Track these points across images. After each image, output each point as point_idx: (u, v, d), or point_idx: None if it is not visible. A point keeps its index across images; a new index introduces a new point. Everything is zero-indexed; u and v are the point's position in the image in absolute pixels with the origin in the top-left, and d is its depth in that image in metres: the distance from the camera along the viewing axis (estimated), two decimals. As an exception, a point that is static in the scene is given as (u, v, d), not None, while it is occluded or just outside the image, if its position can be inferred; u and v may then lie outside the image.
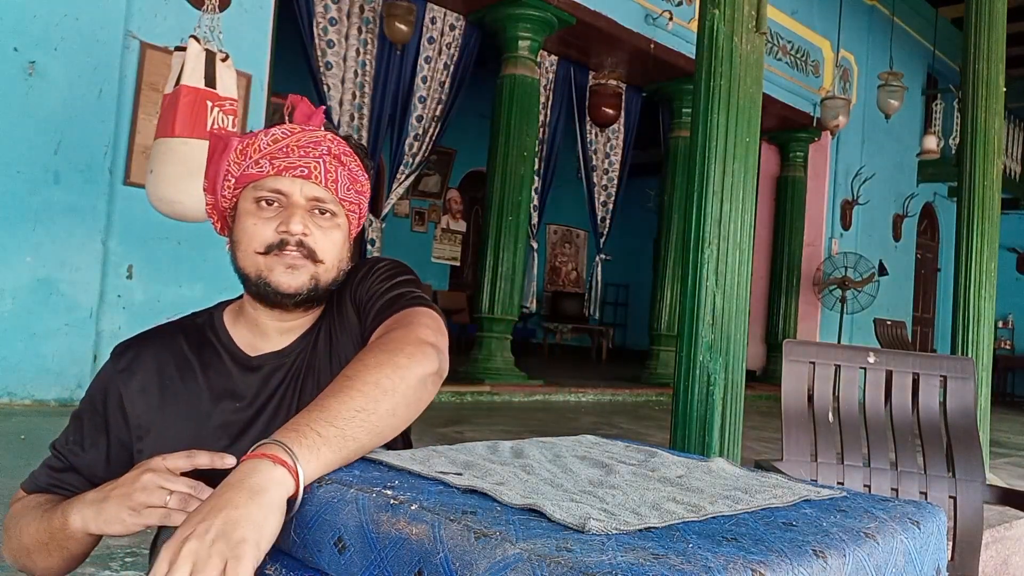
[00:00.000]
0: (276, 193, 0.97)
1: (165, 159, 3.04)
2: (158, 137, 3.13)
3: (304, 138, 0.98)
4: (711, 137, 2.24)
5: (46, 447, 1.05)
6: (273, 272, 0.96)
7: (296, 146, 0.97)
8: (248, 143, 0.98)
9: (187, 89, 3.03)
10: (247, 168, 0.97)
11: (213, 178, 1.01)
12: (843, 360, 1.92)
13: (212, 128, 3.06)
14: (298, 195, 0.97)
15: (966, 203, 3.71)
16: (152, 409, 0.98)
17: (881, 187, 9.53)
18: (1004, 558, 2.90)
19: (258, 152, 0.97)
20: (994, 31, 3.75)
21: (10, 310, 3.73)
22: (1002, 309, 11.13)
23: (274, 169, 0.96)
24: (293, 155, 0.97)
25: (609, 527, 0.60)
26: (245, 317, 1.04)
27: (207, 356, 1.01)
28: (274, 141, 0.97)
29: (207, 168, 1.02)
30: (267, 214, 0.97)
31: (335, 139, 1.00)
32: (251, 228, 0.97)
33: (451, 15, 6.13)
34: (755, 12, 2.28)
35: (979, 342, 3.60)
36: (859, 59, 9.10)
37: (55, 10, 3.85)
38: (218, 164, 1.00)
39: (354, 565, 0.65)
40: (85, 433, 1.00)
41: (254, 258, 0.97)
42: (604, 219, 7.66)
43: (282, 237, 0.96)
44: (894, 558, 0.68)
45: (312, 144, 0.98)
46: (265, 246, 0.96)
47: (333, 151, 0.99)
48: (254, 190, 0.98)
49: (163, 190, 3.04)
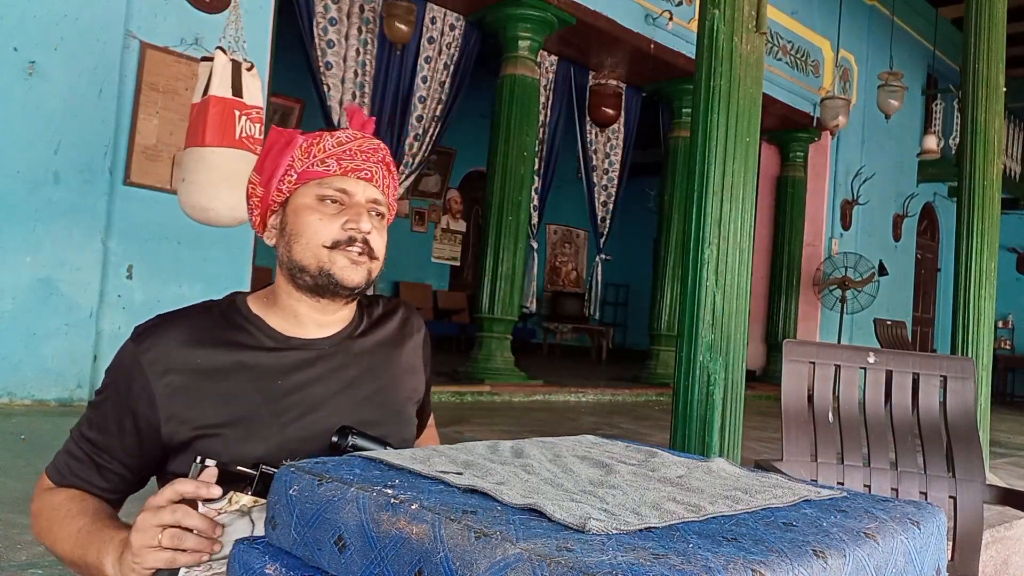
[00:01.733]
0: (341, 192, 1.03)
1: (197, 167, 3.15)
2: (188, 146, 3.25)
3: (365, 144, 1.06)
4: (711, 137, 2.24)
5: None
6: (336, 265, 1.02)
7: (359, 151, 1.05)
8: (313, 142, 1.04)
9: (216, 99, 3.15)
10: (312, 165, 1.03)
11: (271, 171, 1.05)
12: (843, 360, 1.92)
13: (241, 136, 3.15)
14: (361, 196, 1.04)
15: (966, 203, 3.71)
16: (180, 391, 0.97)
17: (881, 187, 9.53)
18: (1004, 558, 2.90)
19: (323, 152, 1.03)
20: (994, 31, 3.74)
21: (10, 310, 3.73)
22: (1002, 309, 11.13)
23: (341, 169, 1.03)
24: (358, 158, 1.04)
25: (609, 527, 0.60)
26: (279, 306, 1.06)
27: (240, 336, 1.02)
28: (339, 144, 1.04)
29: (263, 161, 1.06)
30: (330, 211, 1.03)
31: (386, 148, 1.10)
32: (316, 223, 1.02)
33: (451, 15, 6.14)
34: (755, 12, 2.28)
35: (979, 342, 3.60)
36: (859, 59, 9.10)
37: (55, 10, 3.85)
38: (278, 158, 1.04)
39: (354, 564, 0.65)
40: (109, 419, 0.99)
41: (318, 251, 1.02)
42: (604, 219, 7.66)
43: (350, 234, 1.02)
44: (894, 558, 0.68)
45: (371, 150, 1.06)
46: (332, 240, 1.02)
47: (385, 159, 1.08)
48: (318, 187, 1.03)
49: (196, 198, 3.15)
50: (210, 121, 3.12)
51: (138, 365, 0.97)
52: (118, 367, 1.00)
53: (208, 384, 0.98)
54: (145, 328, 1.01)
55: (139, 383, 0.97)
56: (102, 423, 0.99)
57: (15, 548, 1.86)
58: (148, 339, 0.99)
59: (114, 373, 1.00)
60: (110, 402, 0.99)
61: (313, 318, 1.06)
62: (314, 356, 1.04)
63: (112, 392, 0.99)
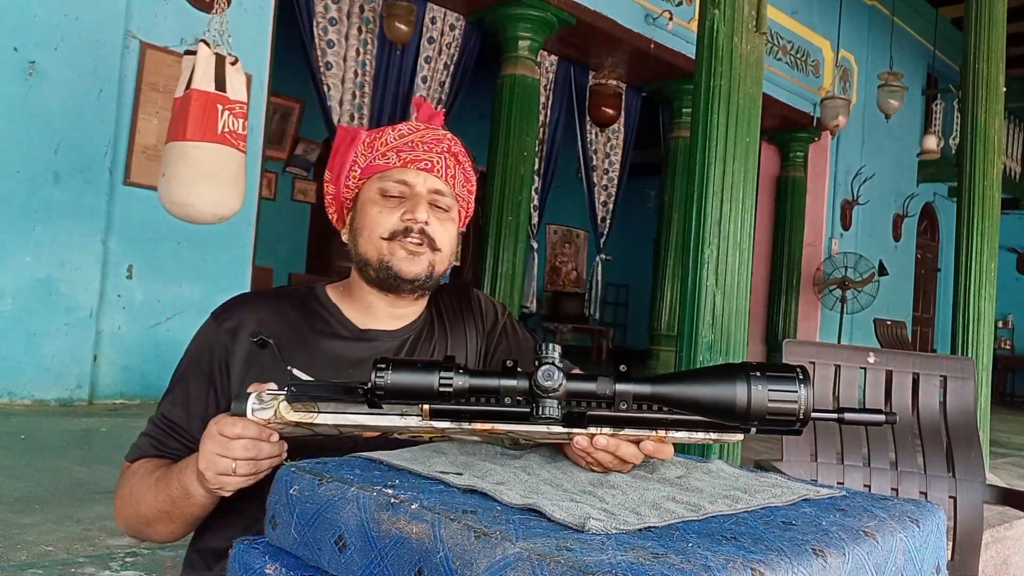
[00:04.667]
0: (401, 184, 1.03)
1: (177, 162, 3.09)
2: (169, 140, 3.16)
3: (428, 135, 1.05)
4: (711, 137, 2.24)
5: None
6: (395, 256, 1.02)
7: (420, 141, 1.04)
8: (376, 137, 1.05)
9: (198, 93, 3.07)
10: (374, 160, 1.04)
11: (339, 169, 1.07)
12: (843, 360, 1.92)
13: (223, 131, 3.09)
14: (421, 186, 1.04)
15: (966, 203, 3.71)
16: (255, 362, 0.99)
17: (881, 187, 9.52)
18: (1004, 558, 2.90)
19: (385, 145, 1.04)
20: (994, 31, 3.74)
21: (10, 310, 3.73)
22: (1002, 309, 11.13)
23: (400, 161, 1.03)
24: (418, 149, 1.03)
25: (609, 527, 0.60)
26: (354, 297, 1.08)
27: (316, 323, 1.05)
28: (400, 136, 1.04)
29: (332, 160, 1.08)
30: (391, 204, 1.03)
31: (454, 139, 1.08)
32: (376, 215, 1.03)
33: (451, 15, 6.13)
34: (755, 12, 2.28)
35: (979, 342, 3.60)
36: (859, 59, 9.10)
37: (55, 10, 3.85)
38: (344, 156, 1.06)
39: (354, 563, 0.65)
40: (192, 395, 1.01)
41: (378, 243, 1.03)
42: (604, 219, 7.66)
43: (407, 224, 1.02)
44: (893, 556, 0.68)
45: (434, 141, 1.05)
46: (390, 232, 1.02)
47: (452, 149, 1.07)
48: (379, 180, 1.04)
49: (175, 193, 3.09)
50: (191, 115, 3.04)
51: (218, 339, 1.01)
52: (198, 343, 1.03)
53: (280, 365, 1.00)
54: (223, 307, 1.04)
55: (218, 355, 1.00)
56: (183, 400, 1.01)
57: (15, 548, 1.86)
58: (226, 314, 1.03)
59: (194, 350, 1.03)
60: (192, 379, 1.01)
61: (386, 311, 1.07)
62: (385, 348, 1.06)
63: (193, 369, 1.02)
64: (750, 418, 0.69)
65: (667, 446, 0.79)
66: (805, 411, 0.69)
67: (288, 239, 8.27)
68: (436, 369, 0.73)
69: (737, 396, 0.69)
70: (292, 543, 0.72)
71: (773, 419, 0.69)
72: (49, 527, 2.01)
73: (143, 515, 0.96)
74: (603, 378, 0.73)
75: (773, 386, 0.69)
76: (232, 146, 3.14)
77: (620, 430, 0.76)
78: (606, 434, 0.75)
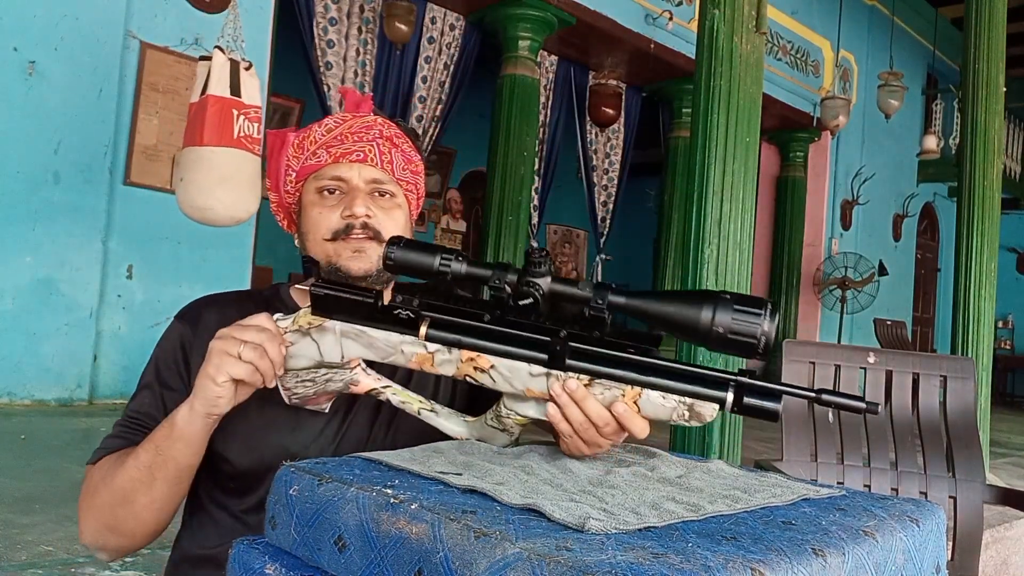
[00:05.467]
0: (336, 180, 1.01)
1: (195, 167, 3.15)
2: (186, 146, 3.24)
3: (356, 124, 1.02)
4: (711, 137, 2.24)
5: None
6: (341, 257, 1.00)
7: (349, 132, 1.01)
8: (303, 136, 1.02)
9: (214, 99, 3.14)
10: (305, 160, 1.01)
11: (275, 176, 1.05)
12: (843, 360, 1.92)
13: (239, 135, 3.14)
14: (357, 179, 1.01)
15: (966, 203, 3.71)
16: None
17: (881, 187, 9.52)
18: (1004, 558, 2.90)
19: (314, 143, 1.01)
20: (994, 31, 3.75)
21: (10, 310, 3.73)
22: (1002, 309, 11.13)
23: (331, 157, 1.00)
24: (348, 141, 1.01)
25: (608, 526, 0.60)
26: None
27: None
28: (328, 131, 1.01)
29: (268, 166, 1.07)
30: (330, 202, 1.01)
31: (385, 122, 1.04)
32: (316, 217, 1.01)
33: (451, 15, 6.14)
34: (755, 12, 2.28)
35: (979, 342, 3.60)
36: (859, 59, 9.10)
37: (55, 10, 3.85)
38: (278, 161, 1.04)
39: (354, 564, 0.65)
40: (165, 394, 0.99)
41: (323, 245, 1.00)
42: (604, 219, 7.66)
43: (347, 222, 0.99)
44: (893, 556, 0.68)
45: (364, 129, 1.02)
46: (332, 232, 1.00)
47: (385, 134, 1.03)
48: (315, 180, 1.02)
49: (194, 197, 3.15)
50: (208, 120, 3.12)
51: (180, 336, 1.01)
52: (165, 345, 1.02)
53: None
54: (186, 307, 1.05)
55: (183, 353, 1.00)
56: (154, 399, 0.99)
57: (15, 548, 1.86)
58: (189, 313, 1.03)
59: (161, 352, 1.02)
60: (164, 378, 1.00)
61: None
62: None
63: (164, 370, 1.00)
64: (712, 337, 0.71)
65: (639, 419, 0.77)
66: (767, 338, 0.70)
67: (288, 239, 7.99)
68: (438, 252, 0.78)
69: (703, 314, 0.71)
70: (292, 543, 0.72)
71: (734, 340, 0.71)
72: (49, 527, 2.02)
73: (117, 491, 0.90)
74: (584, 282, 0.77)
75: (739, 307, 0.71)
76: (248, 150, 3.21)
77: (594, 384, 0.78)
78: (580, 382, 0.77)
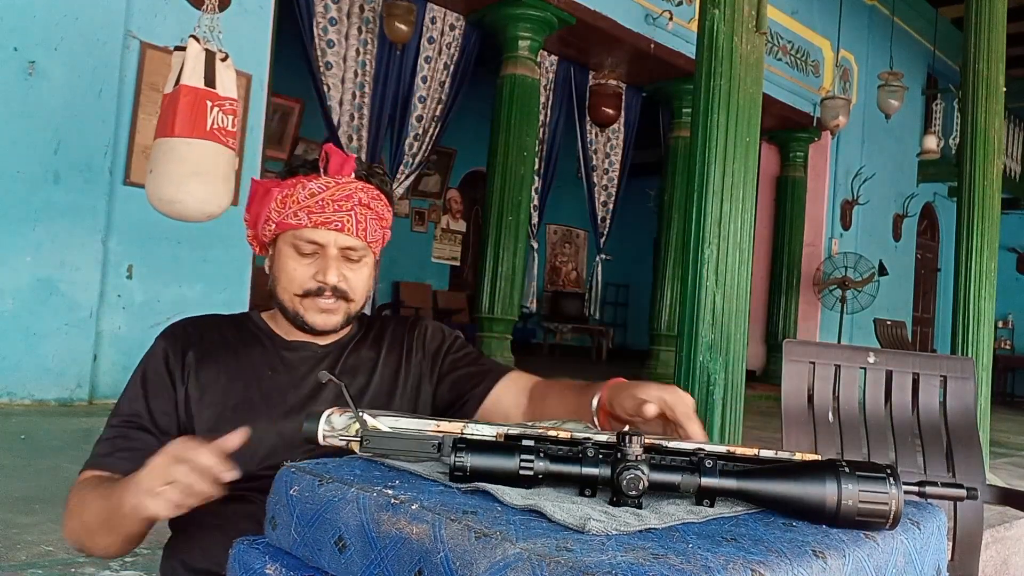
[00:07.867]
0: (313, 244, 1.09)
1: (166, 159, 3.03)
2: (158, 137, 3.11)
3: (338, 192, 1.08)
4: (711, 137, 2.24)
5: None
6: (308, 312, 1.10)
7: (331, 200, 1.07)
8: (288, 195, 1.08)
9: (187, 89, 3.02)
10: (286, 218, 1.08)
11: (254, 219, 1.13)
12: (843, 360, 1.92)
13: (212, 127, 3.05)
14: (332, 246, 1.09)
15: (966, 203, 3.71)
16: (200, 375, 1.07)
17: (881, 187, 9.52)
18: (1004, 558, 2.90)
19: (297, 204, 1.08)
20: (994, 31, 3.74)
21: (10, 310, 3.73)
22: (1002, 309, 11.13)
23: (311, 222, 1.07)
24: (327, 209, 1.07)
25: (609, 527, 0.60)
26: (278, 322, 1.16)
27: (246, 337, 1.13)
28: (311, 195, 1.07)
29: (249, 206, 1.15)
30: (305, 261, 1.09)
31: (364, 187, 1.10)
32: (291, 271, 1.10)
33: (451, 15, 6.14)
34: (755, 12, 2.28)
35: (979, 342, 3.60)
36: (859, 59, 9.10)
37: (55, 10, 3.85)
38: (259, 208, 1.12)
39: (354, 564, 0.65)
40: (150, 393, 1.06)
41: (292, 298, 1.10)
42: (604, 219, 7.66)
43: (319, 285, 1.08)
44: (894, 558, 0.68)
45: (344, 198, 1.08)
46: (303, 290, 1.09)
47: (363, 201, 1.10)
48: (293, 237, 1.09)
49: (163, 190, 3.02)
50: (180, 111, 2.99)
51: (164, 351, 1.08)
52: (146, 360, 1.09)
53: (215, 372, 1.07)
54: (168, 328, 1.13)
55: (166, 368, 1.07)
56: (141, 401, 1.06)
57: (15, 548, 1.86)
58: (170, 330, 1.12)
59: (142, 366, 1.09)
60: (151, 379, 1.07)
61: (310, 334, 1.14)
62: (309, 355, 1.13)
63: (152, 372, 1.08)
64: (839, 518, 0.66)
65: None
66: (896, 512, 0.66)
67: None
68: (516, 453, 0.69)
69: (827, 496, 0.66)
70: (292, 544, 0.72)
71: (863, 521, 0.66)
72: (49, 527, 2.01)
73: (85, 523, 0.97)
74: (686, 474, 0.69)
75: (864, 486, 0.66)
76: (221, 143, 3.08)
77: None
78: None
